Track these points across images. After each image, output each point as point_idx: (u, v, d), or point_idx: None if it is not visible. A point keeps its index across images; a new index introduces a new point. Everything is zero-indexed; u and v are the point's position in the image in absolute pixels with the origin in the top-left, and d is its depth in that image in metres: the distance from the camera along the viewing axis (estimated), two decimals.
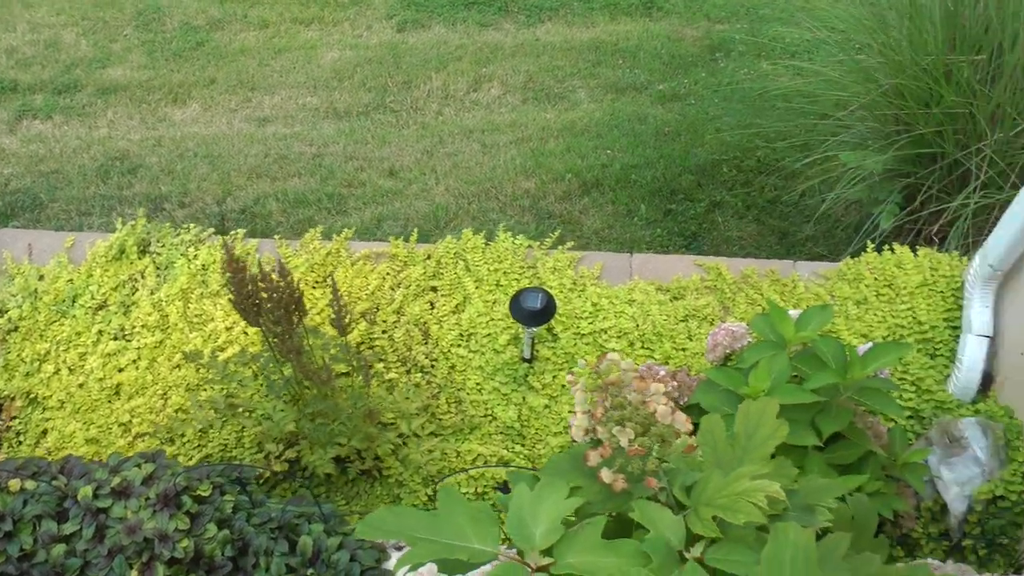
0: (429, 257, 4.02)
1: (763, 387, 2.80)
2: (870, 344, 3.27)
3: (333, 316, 3.04)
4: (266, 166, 5.61)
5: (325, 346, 3.28)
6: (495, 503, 3.26)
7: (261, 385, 3.44)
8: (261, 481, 3.43)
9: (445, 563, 1.79)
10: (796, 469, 2.10)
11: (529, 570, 1.71)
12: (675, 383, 3.17)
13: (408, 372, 3.66)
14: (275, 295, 2.92)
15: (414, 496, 3.39)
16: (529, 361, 3.63)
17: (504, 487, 3.34)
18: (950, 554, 3.24)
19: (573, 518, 1.86)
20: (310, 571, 2.68)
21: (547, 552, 1.74)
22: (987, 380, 3.63)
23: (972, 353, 3.54)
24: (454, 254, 4.02)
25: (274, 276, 2.94)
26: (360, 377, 3.34)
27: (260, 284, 2.91)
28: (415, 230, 4.24)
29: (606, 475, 1.79)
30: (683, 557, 1.76)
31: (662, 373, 3.17)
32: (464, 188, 5.32)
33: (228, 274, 2.89)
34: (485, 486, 3.39)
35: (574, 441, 1.94)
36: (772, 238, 5.02)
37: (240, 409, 3.43)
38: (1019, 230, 3.26)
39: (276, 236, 4.22)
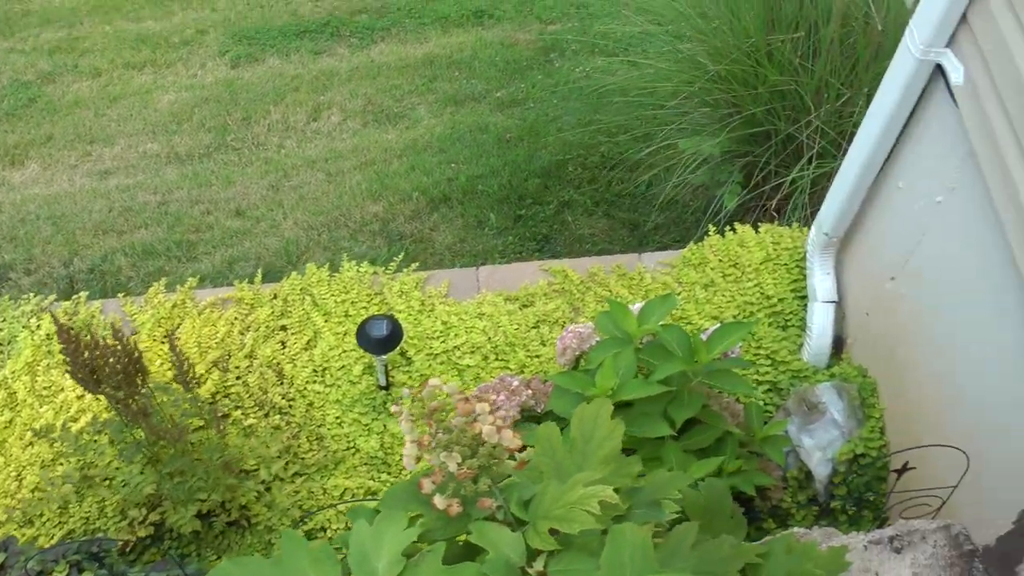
0: (276, 296, 3.96)
1: (610, 385, 2.80)
2: (718, 326, 3.32)
3: (176, 373, 2.98)
4: (111, 220, 5.47)
5: (176, 402, 3.20)
6: (335, 542, 3.21)
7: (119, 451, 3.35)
8: (128, 549, 3.33)
9: None
10: (639, 466, 2.10)
11: None
12: (529, 391, 3.16)
13: (266, 415, 3.59)
14: (112, 359, 2.84)
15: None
16: (386, 388, 3.59)
17: None
18: (820, 518, 3.28)
19: (424, 545, 1.84)
20: None
21: None
22: (839, 344, 3.71)
23: (820, 320, 3.60)
24: (300, 290, 3.96)
25: (111, 340, 2.86)
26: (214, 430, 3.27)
27: (96, 351, 2.83)
28: (259, 271, 4.18)
29: (440, 501, 1.78)
30: (526, 573, 1.75)
31: (515, 384, 3.16)
32: (313, 220, 5.26)
33: (62, 345, 2.81)
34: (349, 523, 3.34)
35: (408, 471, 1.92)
36: (623, 231, 5.06)
37: (96, 479, 3.33)
38: (847, 197, 3.33)
39: (121, 294, 4.10)
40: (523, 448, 1.87)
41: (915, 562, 2.76)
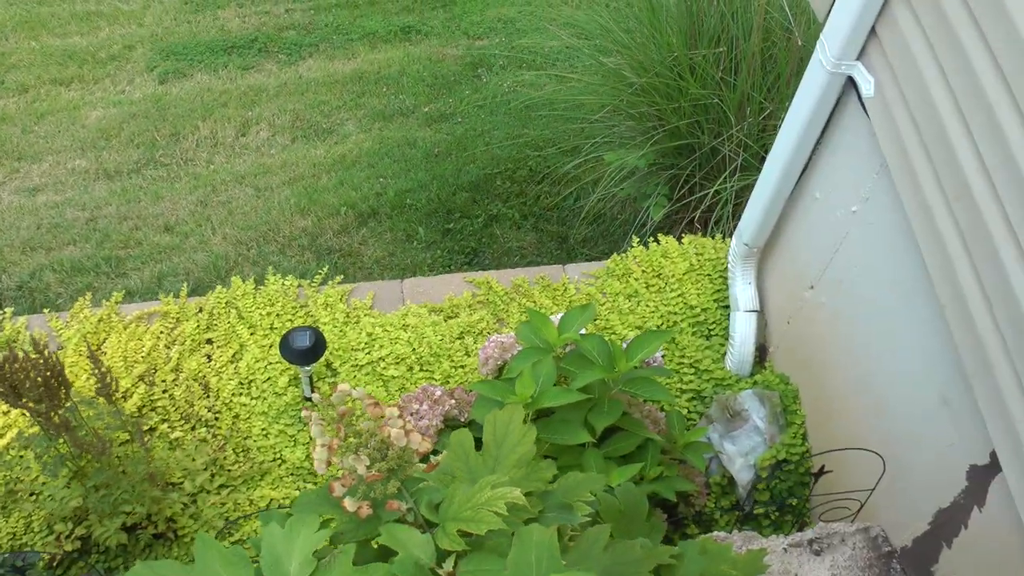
0: (201, 310, 3.92)
1: (530, 393, 2.81)
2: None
3: (99, 386, 2.95)
4: (39, 237, 5.39)
5: (99, 416, 3.17)
6: (248, 544, 3.19)
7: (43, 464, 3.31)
8: (55, 564, 3.29)
9: None
10: (552, 470, 2.11)
11: None
12: (453, 401, 3.17)
13: (193, 428, 3.56)
14: (32, 373, 2.80)
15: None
16: (311, 400, 3.58)
17: None
18: (744, 523, 3.32)
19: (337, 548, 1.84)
20: None
21: None
22: (762, 352, 3.75)
23: (742, 329, 3.65)
24: (225, 304, 3.93)
25: (32, 353, 2.82)
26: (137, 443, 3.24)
27: (15, 364, 2.79)
28: (184, 284, 4.14)
29: (350, 504, 1.77)
30: (436, 574, 1.76)
31: (438, 393, 3.16)
32: (241, 235, 5.23)
33: None
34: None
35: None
36: (552, 244, 5.09)
37: (21, 494, 3.29)
38: (766, 207, 3.38)
39: (46, 310, 4.05)
40: (435, 452, 1.88)
41: (834, 564, 2.80)
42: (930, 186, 2.40)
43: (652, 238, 4.17)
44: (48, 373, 2.83)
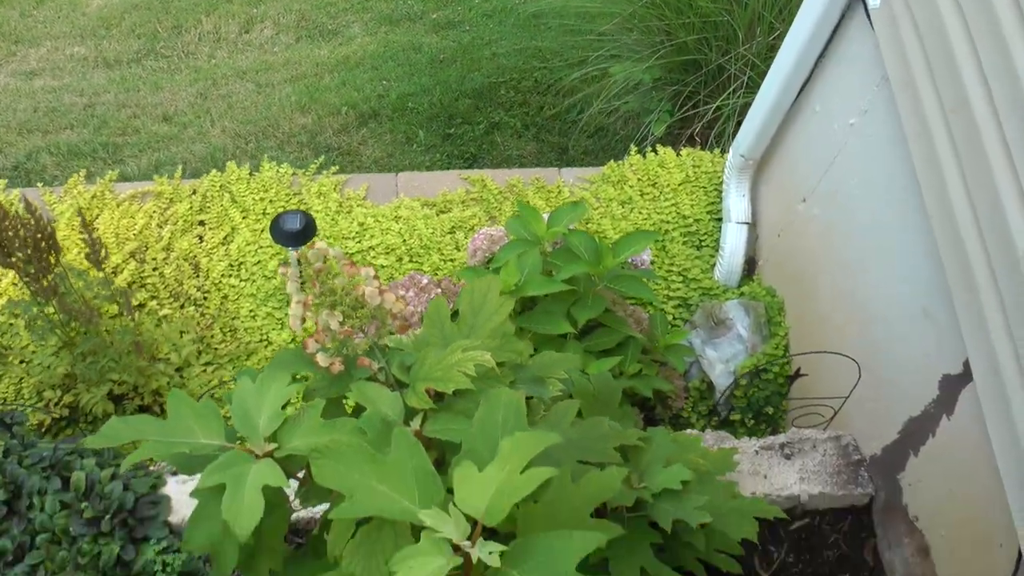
0: (195, 192, 3.93)
1: (514, 281, 2.82)
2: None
3: (88, 252, 2.96)
4: (36, 120, 5.38)
5: (88, 285, 3.19)
6: (220, 397, 3.23)
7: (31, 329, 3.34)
8: (44, 430, 3.33)
9: (179, 460, 1.78)
10: (530, 350, 2.13)
11: (254, 457, 1.70)
12: (439, 290, 3.18)
13: (182, 306, 3.59)
14: (22, 231, 2.81)
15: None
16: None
17: None
18: (719, 428, 3.34)
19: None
20: (84, 505, 2.61)
21: (272, 439, 1.74)
22: (751, 265, 3.76)
23: (733, 240, 3.65)
24: (220, 187, 3.94)
25: (22, 211, 2.84)
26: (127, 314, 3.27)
27: (5, 222, 2.80)
28: (179, 168, 4.14)
29: (322, 359, 1.79)
30: None
31: (424, 282, 3.17)
32: (240, 128, 5.21)
33: None
34: None
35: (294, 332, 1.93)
36: (552, 154, 5.06)
37: (11, 359, 3.33)
38: (765, 118, 3.37)
39: (39, 184, 4.05)
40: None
41: (803, 468, 2.82)
42: (929, 97, 2.39)
43: (651, 148, 4.16)
44: (39, 235, 2.84)
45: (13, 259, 2.85)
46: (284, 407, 1.76)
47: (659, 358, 3.19)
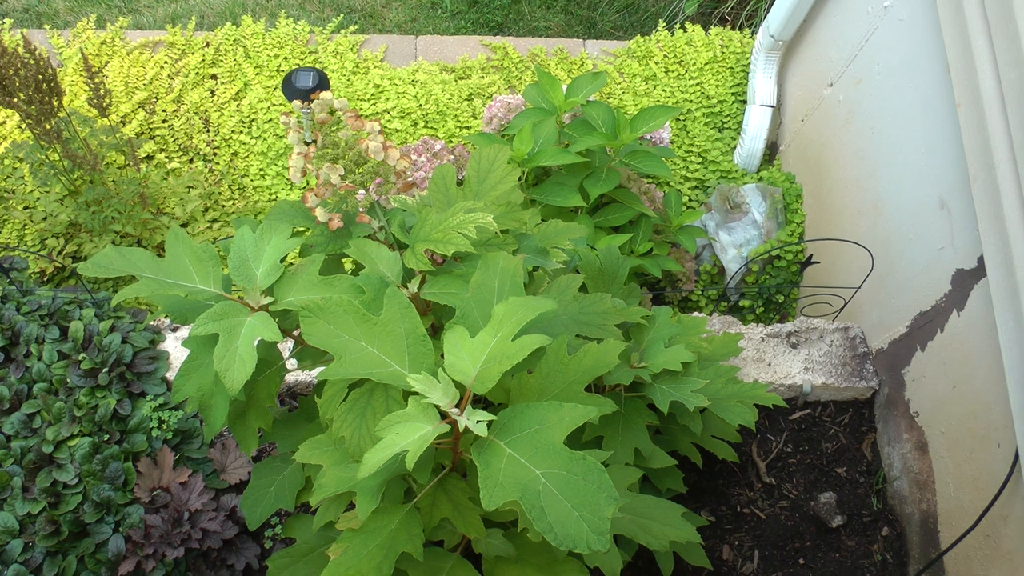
0: (208, 45, 3.85)
1: (526, 150, 2.77)
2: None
3: (92, 97, 2.91)
4: None
5: (93, 132, 3.14)
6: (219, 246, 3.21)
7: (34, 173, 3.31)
8: (45, 279, 3.32)
9: (172, 305, 1.76)
10: (537, 219, 2.08)
11: (249, 309, 1.68)
12: (452, 157, 3.13)
13: (190, 161, 3.55)
14: (23, 71, 2.76)
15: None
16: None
17: None
18: (728, 314, 3.31)
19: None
20: (82, 356, 2.60)
21: (269, 292, 1.71)
22: (772, 151, 3.68)
23: (756, 122, 3.57)
24: (233, 41, 3.86)
25: (22, 51, 2.78)
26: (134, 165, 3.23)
27: (4, 58, 2.75)
28: (192, 19, 4.05)
29: (321, 214, 1.75)
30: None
31: (437, 147, 3.12)
32: None
33: None
34: None
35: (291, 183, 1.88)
36: (579, 27, 4.94)
37: (11, 203, 3.30)
38: None
39: (47, 26, 3.97)
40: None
41: (809, 357, 2.80)
42: None
43: (680, 27, 4.05)
44: (40, 76, 2.79)
45: (14, 100, 2.80)
46: (282, 261, 1.73)
47: (671, 238, 3.14)
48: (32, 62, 2.76)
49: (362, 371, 1.50)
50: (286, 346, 2.54)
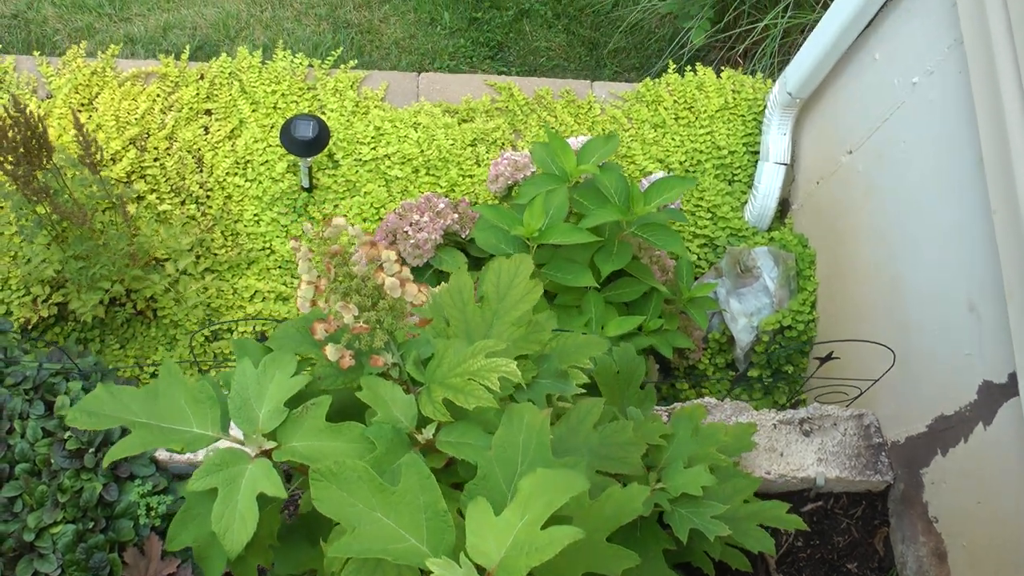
0: (202, 77, 3.69)
1: (538, 226, 2.65)
2: (658, 175, 3.16)
3: (82, 154, 2.77)
4: None
5: (84, 181, 2.99)
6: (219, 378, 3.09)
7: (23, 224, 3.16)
8: (31, 327, 3.18)
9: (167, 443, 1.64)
10: (553, 324, 1.97)
11: (250, 456, 1.57)
12: (456, 215, 3.00)
13: (182, 203, 3.40)
14: (11, 133, 2.62)
15: (189, 338, 3.20)
16: (309, 190, 3.40)
17: (263, 336, 3.19)
18: (736, 384, 3.22)
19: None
20: (68, 434, 2.47)
21: (272, 436, 1.59)
22: (784, 208, 3.58)
23: (769, 180, 3.47)
24: (229, 74, 3.70)
25: (12, 111, 2.63)
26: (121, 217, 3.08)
27: None
28: (189, 42, 3.90)
29: (331, 352, 1.62)
30: (415, 439, 1.63)
31: (441, 205, 2.99)
32: None
33: None
34: (263, 325, 3.21)
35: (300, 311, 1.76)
36: (582, 49, 4.82)
37: None
38: (819, 58, 3.14)
39: (36, 52, 3.81)
40: (428, 266, 1.72)
41: (822, 447, 2.70)
42: (1008, 72, 2.19)
43: (688, 66, 3.92)
44: (28, 133, 2.65)
45: (3, 161, 2.66)
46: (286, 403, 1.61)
47: (680, 308, 3.03)
48: (22, 120, 2.61)
49: (378, 548, 1.39)
50: None
